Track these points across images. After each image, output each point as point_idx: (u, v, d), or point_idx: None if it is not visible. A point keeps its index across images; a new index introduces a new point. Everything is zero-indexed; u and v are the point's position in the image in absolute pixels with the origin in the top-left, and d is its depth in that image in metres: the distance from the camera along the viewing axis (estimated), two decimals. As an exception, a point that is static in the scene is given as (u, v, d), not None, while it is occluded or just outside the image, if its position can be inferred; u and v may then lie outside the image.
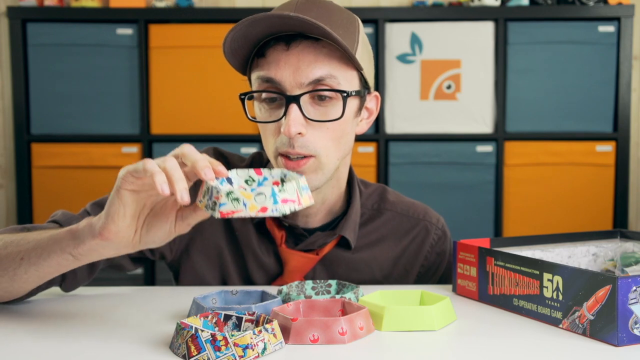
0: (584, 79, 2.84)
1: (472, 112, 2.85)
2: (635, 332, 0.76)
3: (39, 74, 2.85)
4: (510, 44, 2.83)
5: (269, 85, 1.00)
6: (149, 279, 2.85)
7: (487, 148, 2.83)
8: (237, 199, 0.73)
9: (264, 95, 1.01)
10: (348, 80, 1.01)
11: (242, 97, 1.03)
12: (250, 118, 1.05)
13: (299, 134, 0.98)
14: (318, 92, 0.99)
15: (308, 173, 1.01)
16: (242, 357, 0.71)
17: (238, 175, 0.84)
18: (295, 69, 0.98)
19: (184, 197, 0.74)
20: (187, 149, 0.78)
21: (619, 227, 2.81)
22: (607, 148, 2.84)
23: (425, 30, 2.83)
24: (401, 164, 2.83)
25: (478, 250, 0.97)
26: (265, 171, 0.85)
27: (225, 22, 2.84)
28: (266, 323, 0.78)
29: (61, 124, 2.85)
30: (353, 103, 1.03)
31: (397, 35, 2.82)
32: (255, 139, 2.83)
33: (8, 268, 0.89)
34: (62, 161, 2.84)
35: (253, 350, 0.72)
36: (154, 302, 1.00)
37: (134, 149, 2.83)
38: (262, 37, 0.99)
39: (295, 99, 0.97)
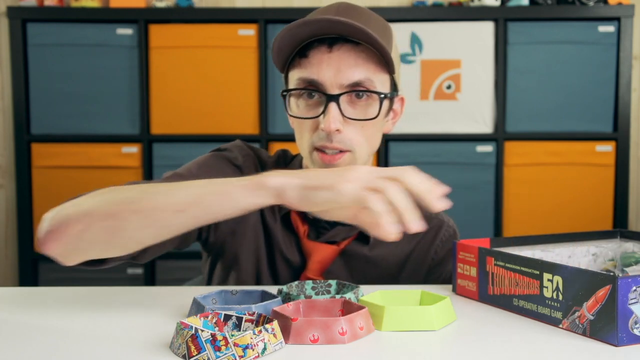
0: (584, 79, 2.84)
1: (472, 112, 2.85)
2: (635, 332, 0.76)
3: (39, 74, 2.85)
4: (510, 44, 2.82)
5: (310, 85, 1.06)
6: (149, 279, 2.85)
7: (487, 148, 2.83)
8: None
9: (303, 93, 1.07)
10: (382, 83, 1.08)
11: (285, 93, 1.10)
12: (290, 114, 1.10)
13: (337, 130, 1.04)
14: (357, 91, 1.05)
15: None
16: (242, 357, 0.71)
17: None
18: (336, 70, 1.04)
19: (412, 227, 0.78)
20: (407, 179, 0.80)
21: (619, 227, 2.81)
22: (607, 148, 2.84)
23: (425, 30, 2.83)
24: (401, 164, 2.81)
25: (478, 250, 0.97)
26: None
27: (225, 22, 2.84)
28: (266, 323, 0.78)
29: (61, 124, 2.85)
30: (385, 104, 1.09)
31: (397, 35, 2.82)
32: (256, 139, 2.83)
33: (157, 221, 0.88)
34: (62, 161, 2.84)
35: (253, 350, 0.72)
36: (154, 302, 1.00)
37: (134, 149, 2.82)
38: (306, 38, 1.05)
39: (335, 98, 1.04)
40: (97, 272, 2.69)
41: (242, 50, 2.79)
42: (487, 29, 2.83)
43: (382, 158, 2.83)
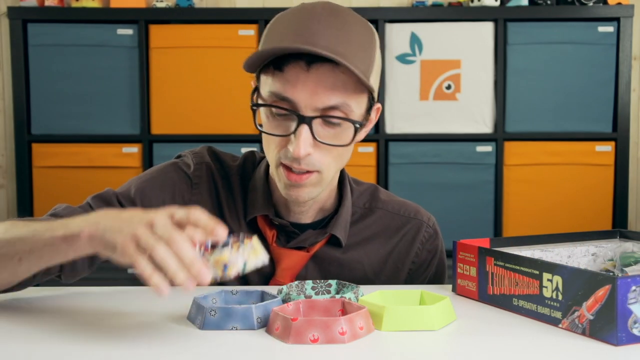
0: (584, 79, 2.84)
1: (472, 112, 2.85)
2: (635, 331, 0.76)
3: (39, 74, 2.85)
4: (510, 44, 2.83)
5: (283, 102, 1.00)
6: (149, 279, 2.85)
7: (487, 148, 2.83)
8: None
9: (274, 110, 1.02)
10: (359, 104, 1.02)
11: (255, 107, 1.05)
12: (259, 128, 1.06)
13: (307, 154, 0.99)
14: (331, 117, 1.00)
15: (308, 186, 1.03)
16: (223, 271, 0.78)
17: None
18: (312, 92, 0.98)
19: (189, 286, 0.76)
20: (179, 244, 0.76)
21: (619, 227, 2.81)
22: (606, 148, 2.84)
23: (425, 30, 2.83)
24: (401, 164, 2.83)
25: (478, 250, 0.98)
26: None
27: (226, 22, 2.84)
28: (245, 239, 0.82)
29: (61, 124, 2.85)
30: (360, 131, 1.05)
31: (397, 35, 2.82)
32: (256, 139, 2.83)
33: (7, 267, 0.89)
34: (62, 161, 2.84)
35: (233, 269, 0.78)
36: (154, 302, 1.00)
37: (134, 149, 2.83)
38: (281, 54, 0.99)
39: (308, 121, 0.98)
40: (95, 272, 2.68)
41: (242, 50, 2.79)
42: (486, 29, 2.83)
43: (382, 158, 2.83)
